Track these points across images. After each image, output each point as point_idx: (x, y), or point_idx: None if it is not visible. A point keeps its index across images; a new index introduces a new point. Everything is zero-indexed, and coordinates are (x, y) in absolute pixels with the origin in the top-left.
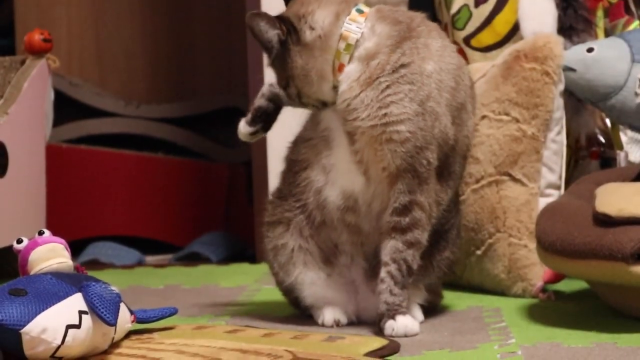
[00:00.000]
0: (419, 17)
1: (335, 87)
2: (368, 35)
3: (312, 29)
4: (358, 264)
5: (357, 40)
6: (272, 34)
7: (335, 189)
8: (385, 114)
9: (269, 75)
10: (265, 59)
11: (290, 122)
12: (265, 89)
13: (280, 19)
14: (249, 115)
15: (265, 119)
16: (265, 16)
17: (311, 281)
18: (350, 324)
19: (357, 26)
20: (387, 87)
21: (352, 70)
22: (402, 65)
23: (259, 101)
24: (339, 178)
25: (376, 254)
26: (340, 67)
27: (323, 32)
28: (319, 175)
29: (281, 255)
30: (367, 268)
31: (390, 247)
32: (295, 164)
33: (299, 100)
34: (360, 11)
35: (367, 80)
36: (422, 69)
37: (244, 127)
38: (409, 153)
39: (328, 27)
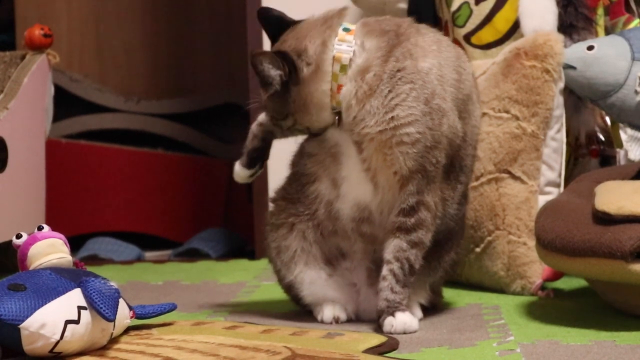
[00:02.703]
0: (406, 21)
1: (334, 109)
2: (359, 52)
3: (308, 64)
4: (361, 267)
5: (350, 59)
6: (275, 74)
7: (349, 201)
8: (392, 118)
9: None
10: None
11: None
12: (255, 129)
13: (283, 57)
14: (245, 159)
15: (262, 158)
16: (269, 55)
17: (311, 280)
18: (350, 321)
19: (347, 45)
20: (389, 92)
21: (348, 89)
22: (398, 70)
23: (253, 143)
24: (351, 191)
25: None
26: (339, 89)
27: (316, 64)
28: (329, 189)
29: (284, 254)
30: (373, 269)
31: (394, 246)
32: (302, 176)
33: (290, 130)
34: (347, 30)
35: (367, 92)
36: (419, 68)
37: (242, 171)
38: (420, 153)
39: (319, 56)
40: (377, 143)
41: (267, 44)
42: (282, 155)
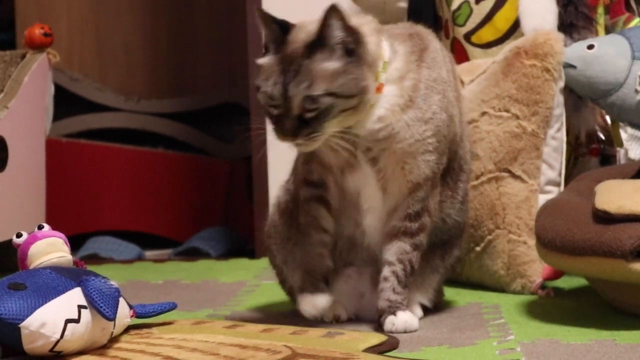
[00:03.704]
0: (412, 24)
1: None
2: (392, 54)
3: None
4: (366, 273)
5: (385, 62)
6: (339, 35)
7: (375, 230)
8: (425, 130)
9: None
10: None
11: None
12: (320, 250)
13: (351, 30)
14: (321, 284)
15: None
16: (343, 17)
17: None
18: (350, 320)
19: (384, 44)
20: (424, 102)
21: (391, 93)
22: (434, 80)
23: (324, 264)
24: (377, 219)
25: None
26: (380, 88)
27: (373, 54)
28: (351, 228)
29: (290, 262)
30: (377, 272)
31: (397, 248)
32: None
33: (335, 118)
34: None
35: (407, 103)
36: (442, 77)
37: (325, 299)
38: (436, 160)
39: (375, 48)
40: (400, 154)
41: None
42: (283, 153)
